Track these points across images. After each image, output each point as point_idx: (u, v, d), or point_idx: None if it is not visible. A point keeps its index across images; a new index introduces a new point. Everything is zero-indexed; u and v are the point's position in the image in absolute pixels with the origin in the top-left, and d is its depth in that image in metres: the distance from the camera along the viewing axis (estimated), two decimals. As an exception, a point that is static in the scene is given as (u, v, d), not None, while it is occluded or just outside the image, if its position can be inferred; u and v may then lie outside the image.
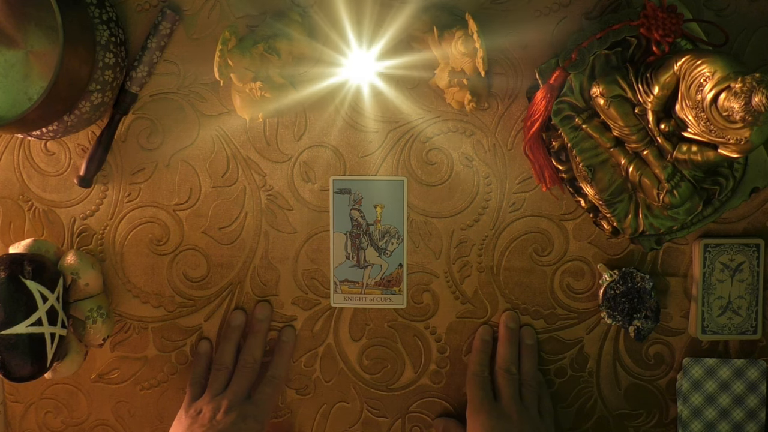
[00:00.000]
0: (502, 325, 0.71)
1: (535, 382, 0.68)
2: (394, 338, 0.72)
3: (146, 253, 0.72)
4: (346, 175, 0.71)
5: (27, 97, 0.62)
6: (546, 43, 0.68)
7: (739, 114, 0.54)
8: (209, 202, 0.72)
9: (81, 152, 0.71)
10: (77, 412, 0.75)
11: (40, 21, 0.61)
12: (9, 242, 0.73)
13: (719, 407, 0.70)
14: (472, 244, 0.71)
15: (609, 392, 0.72)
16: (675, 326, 0.71)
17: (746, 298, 0.69)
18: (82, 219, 0.72)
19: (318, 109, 0.70)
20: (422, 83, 0.69)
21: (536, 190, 0.70)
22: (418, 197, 0.71)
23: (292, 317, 0.73)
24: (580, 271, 0.71)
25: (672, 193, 0.61)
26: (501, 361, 0.69)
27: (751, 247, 0.68)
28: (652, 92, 0.60)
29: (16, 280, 0.63)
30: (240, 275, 0.72)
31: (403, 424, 0.73)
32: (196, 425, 0.64)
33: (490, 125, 0.69)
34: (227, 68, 0.63)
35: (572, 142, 0.64)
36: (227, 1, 0.69)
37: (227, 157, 0.71)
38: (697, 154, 0.60)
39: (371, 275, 0.71)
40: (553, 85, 0.64)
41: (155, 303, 0.73)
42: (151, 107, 0.71)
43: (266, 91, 0.64)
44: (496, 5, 0.68)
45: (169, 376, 0.74)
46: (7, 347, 0.63)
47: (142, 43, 0.69)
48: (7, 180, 0.72)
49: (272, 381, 0.70)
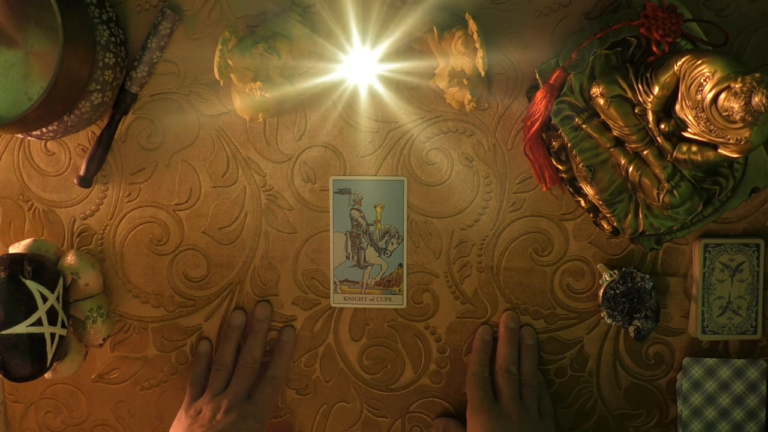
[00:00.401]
0: (502, 325, 0.71)
1: (535, 382, 0.68)
2: (394, 338, 0.72)
3: (146, 253, 0.72)
4: (346, 175, 0.71)
5: (27, 97, 0.62)
6: (546, 43, 0.68)
7: (739, 114, 0.54)
8: (209, 202, 0.72)
9: (81, 152, 0.71)
10: (77, 412, 0.75)
11: (40, 21, 0.61)
12: (9, 242, 0.73)
13: (719, 407, 0.70)
14: (472, 244, 0.71)
15: (609, 392, 0.72)
16: (675, 326, 0.71)
17: (746, 298, 0.69)
18: (82, 219, 0.72)
19: (318, 109, 0.70)
20: (422, 83, 0.69)
21: (536, 190, 0.70)
22: (418, 197, 0.71)
23: (292, 317, 0.73)
24: (580, 271, 0.71)
25: (672, 193, 0.61)
26: (501, 361, 0.69)
27: (751, 247, 0.68)
28: (652, 92, 0.60)
29: (16, 280, 0.63)
30: (240, 275, 0.72)
31: (403, 424, 0.73)
32: (196, 425, 0.64)
33: (490, 125, 0.69)
34: (227, 68, 0.63)
35: (572, 142, 0.64)
36: (227, 1, 0.69)
37: (227, 157, 0.71)
38: (697, 154, 0.60)
39: (371, 275, 0.71)
40: (553, 85, 0.64)
41: (155, 303, 0.73)
42: (151, 107, 0.71)
43: (266, 91, 0.64)
44: (496, 5, 0.68)
45: (169, 376, 0.74)
46: (7, 347, 0.63)
47: (142, 43, 0.69)
48: (7, 180, 0.72)
49: (272, 381, 0.70)
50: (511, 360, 0.69)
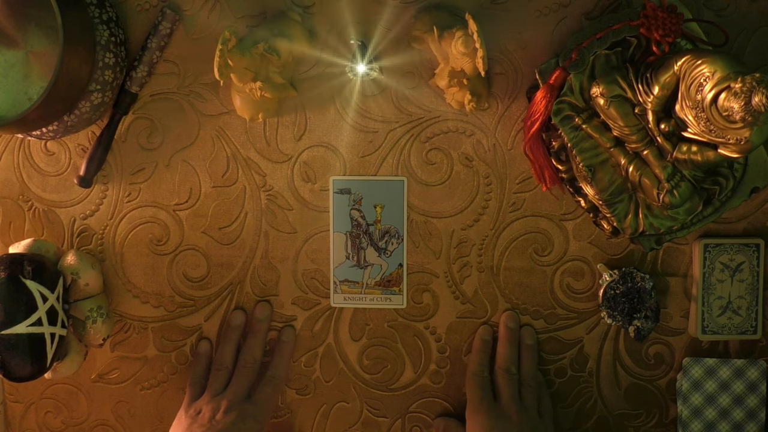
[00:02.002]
0: (502, 325, 0.71)
1: (534, 382, 0.68)
2: (394, 338, 0.72)
3: (146, 253, 0.72)
4: (346, 175, 0.71)
5: (27, 97, 0.62)
6: (546, 43, 0.68)
7: (739, 114, 0.54)
8: (209, 202, 0.72)
9: (81, 152, 0.71)
10: (77, 412, 0.75)
11: (40, 21, 0.61)
12: (9, 242, 0.73)
13: (719, 407, 0.70)
14: (472, 244, 0.71)
15: (609, 392, 0.72)
16: (675, 326, 0.71)
17: (746, 298, 0.69)
18: (82, 219, 0.72)
19: (318, 109, 0.70)
20: (422, 83, 0.69)
21: (536, 190, 0.70)
22: (418, 197, 0.71)
23: (292, 317, 0.73)
24: (580, 271, 0.71)
25: (672, 193, 0.61)
26: (501, 361, 0.69)
27: (751, 247, 0.68)
28: (652, 92, 0.60)
29: (16, 280, 0.63)
30: (240, 275, 0.72)
31: (403, 424, 0.73)
32: (196, 425, 0.64)
33: (490, 125, 0.69)
34: (227, 68, 0.63)
35: (572, 142, 0.64)
36: (227, 1, 0.69)
37: (227, 157, 0.71)
38: (697, 154, 0.60)
39: (371, 275, 0.71)
40: (553, 85, 0.64)
41: (155, 303, 0.73)
42: (151, 107, 0.71)
43: (266, 91, 0.64)
44: (496, 5, 0.68)
45: (169, 376, 0.74)
46: (7, 347, 0.63)
47: (142, 43, 0.69)
48: (7, 180, 0.72)
49: (272, 381, 0.70)
50: (511, 360, 0.69)
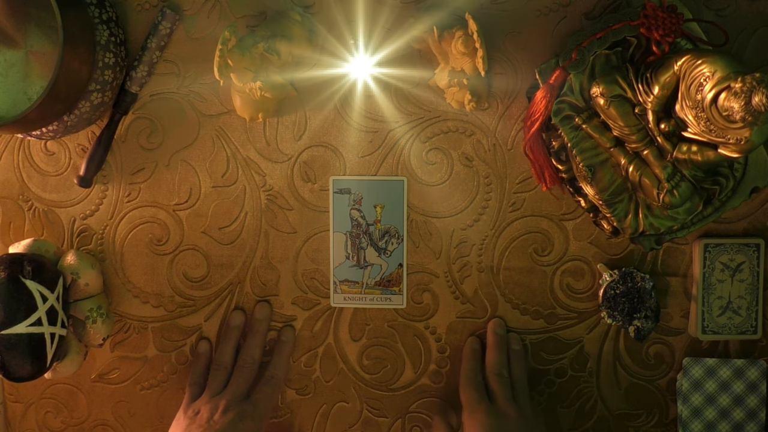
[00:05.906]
0: (490, 333, 0.71)
1: (525, 386, 0.68)
2: (394, 338, 0.72)
3: (146, 253, 0.72)
4: (346, 175, 0.71)
5: (27, 97, 0.62)
6: (546, 43, 0.68)
7: (739, 114, 0.54)
8: (209, 202, 0.72)
9: (81, 152, 0.71)
10: (77, 412, 0.75)
11: (40, 21, 0.61)
12: (9, 242, 0.73)
13: (719, 407, 0.70)
14: (472, 244, 0.71)
15: (609, 392, 0.72)
16: (675, 326, 0.71)
17: (746, 298, 0.69)
18: (82, 219, 0.72)
19: (318, 108, 0.70)
20: (422, 83, 0.69)
21: (536, 190, 0.70)
22: (418, 197, 0.71)
23: (291, 317, 0.73)
24: (580, 271, 0.71)
25: (672, 193, 0.61)
26: (491, 366, 0.68)
27: (751, 247, 0.68)
28: (652, 92, 0.60)
29: (16, 280, 0.63)
30: (240, 275, 0.72)
31: (403, 424, 0.73)
32: (194, 425, 0.64)
33: (490, 125, 0.69)
34: (227, 68, 0.63)
35: (572, 142, 0.64)
36: (227, 1, 0.69)
37: (227, 157, 0.71)
38: (697, 154, 0.60)
39: (371, 275, 0.71)
40: (553, 85, 0.64)
41: (155, 303, 0.73)
42: (151, 107, 0.71)
43: (266, 91, 0.64)
44: (496, 5, 0.68)
45: (169, 376, 0.74)
46: (7, 347, 0.63)
47: (142, 43, 0.69)
48: (7, 180, 0.72)
49: (271, 381, 0.70)
50: (502, 364, 0.68)
